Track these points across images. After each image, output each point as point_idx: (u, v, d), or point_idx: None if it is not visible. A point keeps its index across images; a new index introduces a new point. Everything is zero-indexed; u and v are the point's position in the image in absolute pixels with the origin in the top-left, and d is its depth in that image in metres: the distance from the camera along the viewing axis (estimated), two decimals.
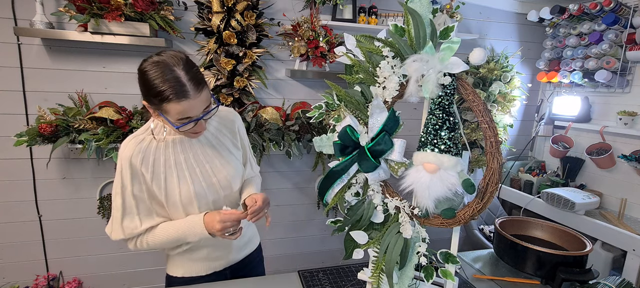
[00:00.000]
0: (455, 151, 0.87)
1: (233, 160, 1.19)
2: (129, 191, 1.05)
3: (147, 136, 1.09)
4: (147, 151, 1.07)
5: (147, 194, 1.08)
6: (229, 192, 1.19)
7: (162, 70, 0.93)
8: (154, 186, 1.07)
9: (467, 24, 2.51)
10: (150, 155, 1.07)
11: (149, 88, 0.94)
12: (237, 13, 1.93)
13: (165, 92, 0.92)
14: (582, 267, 1.28)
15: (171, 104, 0.93)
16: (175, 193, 1.08)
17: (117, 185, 1.06)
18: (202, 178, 1.12)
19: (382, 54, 0.92)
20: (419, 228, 0.98)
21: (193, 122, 0.99)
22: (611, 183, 2.27)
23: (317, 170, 2.41)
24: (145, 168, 1.05)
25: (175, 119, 0.97)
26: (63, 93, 1.94)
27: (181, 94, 0.93)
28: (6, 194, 1.99)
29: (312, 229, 2.58)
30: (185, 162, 1.10)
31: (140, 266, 2.28)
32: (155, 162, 1.07)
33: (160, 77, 0.92)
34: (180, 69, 0.94)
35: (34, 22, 1.75)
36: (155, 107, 0.97)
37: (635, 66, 2.15)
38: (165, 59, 0.94)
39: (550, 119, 2.63)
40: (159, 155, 1.08)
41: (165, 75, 0.92)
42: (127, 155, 1.04)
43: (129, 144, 1.06)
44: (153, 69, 0.93)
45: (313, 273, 1.35)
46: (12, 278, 2.11)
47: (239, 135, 1.24)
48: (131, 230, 1.07)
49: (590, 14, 2.19)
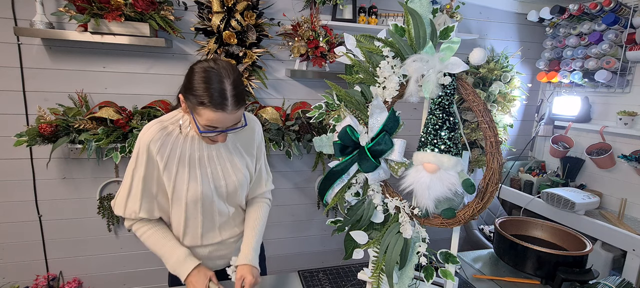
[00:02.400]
0: (455, 151, 0.87)
1: (244, 167, 1.19)
2: (140, 174, 1.07)
3: (171, 125, 1.10)
4: (167, 140, 1.08)
5: (156, 183, 1.10)
6: (234, 198, 1.20)
7: (212, 77, 0.96)
8: (164, 176, 1.08)
9: (467, 24, 2.51)
10: (168, 144, 1.08)
11: (193, 87, 0.97)
12: (237, 13, 1.93)
13: (206, 99, 0.95)
14: (582, 267, 1.28)
15: (207, 110, 0.96)
16: (183, 189, 1.09)
17: (131, 165, 1.08)
18: (212, 179, 1.13)
19: (382, 54, 0.92)
20: (419, 228, 0.98)
21: (217, 132, 1.02)
22: (611, 183, 2.27)
23: (317, 170, 2.41)
24: (160, 157, 1.06)
25: (203, 124, 0.99)
26: (63, 93, 1.94)
27: (220, 106, 0.96)
28: (6, 194, 1.99)
29: (312, 229, 2.58)
30: (198, 160, 1.11)
31: (140, 266, 2.28)
32: (172, 153, 1.08)
33: (207, 82, 0.95)
34: (229, 83, 0.97)
35: (34, 22, 1.75)
36: (190, 105, 1.00)
37: (635, 66, 2.15)
38: (219, 68, 0.98)
39: (550, 118, 2.63)
40: (177, 147, 1.09)
41: (212, 83, 0.95)
42: (147, 139, 1.05)
43: (152, 129, 1.07)
44: (205, 73, 0.96)
45: (313, 273, 1.35)
46: (12, 278, 2.11)
47: (255, 143, 1.23)
48: (130, 213, 1.10)
49: (590, 14, 2.19)
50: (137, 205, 1.09)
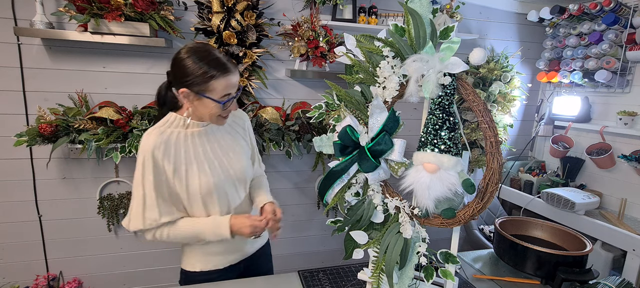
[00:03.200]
0: (455, 151, 0.87)
1: (245, 155, 1.26)
2: (151, 182, 1.08)
3: (168, 129, 1.12)
4: (169, 143, 1.10)
5: (167, 187, 1.11)
6: (243, 185, 1.25)
7: (203, 53, 1.04)
8: (175, 179, 1.10)
9: (467, 24, 2.51)
10: (171, 146, 1.10)
11: (194, 70, 1.03)
12: (237, 13, 1.93)
13: (213, 70, 1.03)
14: (582, 267, 1.28)
15: (219, 80, 1.04)
16: (196, 185, 1.12)
17: (138, 177, 1.09)
18: (221, 170, 1.17)
19: (382, 54, 0.92)
20: (419, 228, 0.98)
21: (231, 99, 1.10)
22: (611, 183, 2.27)
23: (317, 170, 2.41)
24: (167, 160, 1.09)
25: (220, 95, 1.07)
26: (63, 93, 1.94)
27: (225, 70, 1.05)
28: (6, 194, 1.99)
29: (312, 229, 2.58)
30: (204, 154, 1.15)
31: (141, 266, 2.28)
32: (177, 154, 1.11)
33: (204, 59, 1.04)
34: (217, 52, 1.07)
35: (34, 22, 1.75)
36: (199, 89, 1.05)
37: (635, 66, 2.15)
38: (201, 46, 1.07)
39: (550, 118, 2.63)
40: (180, 148, 1.12)
41: (208, 57, 1.04)
42: (149, 147, 1.07)
43: (152, 136, 1.09)
44: (195, 54, 1.04)
45: (313, 273, 1.35)
46: (12, 278, 2.11)
47: (248, 132, 1.32)
48: (151, 221, 1.09)
49: (590, 14, 2.19)
50: (156, 212, 1.09)
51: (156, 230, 1.12)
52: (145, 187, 1.08)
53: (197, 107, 1.10)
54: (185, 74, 1.04)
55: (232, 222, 1.14)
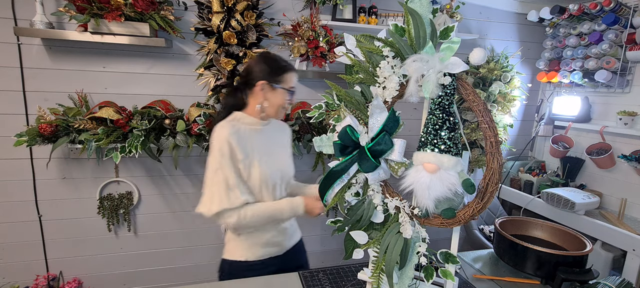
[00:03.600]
0: (455, 151, 0.87)
1: (290, 156, 1.45)
2: (230, 166, 1.21)
3: (236, 124, 1.28)
4: (239, 133, 1.26)
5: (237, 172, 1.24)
6: (286, 181, 1.40)
7: (274, 56, 1.33)
8: (241, 166, 1.24)
9: (467, 24, 2.51)
10: (243, 138, 1.26)
11: (277, 64, 1.30)
12: (237, 13, 1.93)
13: (288, 66, 1.31)
14: (582, 267, 1.28)
15: (289, 73, 1.31)
16: (257, 174, 1.26)
17: (215, 163, 1.21)
18: (274, 164, 1.32)
19: (382, 54, 0.92)
20: (419, 228, 0.98)
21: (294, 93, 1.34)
22: (611, 183, 2.27)
23: (317, 170, 2.40)
24: (241, 148, 1.23)
25: (289, 85, 1.31)
26: (63, 93, 1.94)
27: (292, 67, 1.33)
28: (6, 194, 1.99)
29: (312, 229, 2.58)
30: (263, 148, 1.31)
31: (141, 266, 2.28)
32: (246, 144, 1.26)
33: (278, 58, 1.32)
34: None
35: (34, 22, 1.75)
36: (274, 80, 1.28)
37: (635, 66, 2.15)
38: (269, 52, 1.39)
39: (550, 118, 2.63)
40: (247, 139, 1.27)
41: (279, 58, 1.33)
42: (226, 135, 1.22)
43: (225, 127, 1.24)
44: (268, 56, 1.32)
45: (313, 273, 1.35)
46: (12, 278, 2.11)
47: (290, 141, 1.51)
48: (235, 199, 1.21)
49: (590, 14, 2.19)
50: (238, 192, 1.22)
51: (240, 210, 1.22)
52: (225, 170, 1.20)
53: (270, 98, 1.30)
54: (263, 69, 1.27)
55: (305, 202, 1.33)
